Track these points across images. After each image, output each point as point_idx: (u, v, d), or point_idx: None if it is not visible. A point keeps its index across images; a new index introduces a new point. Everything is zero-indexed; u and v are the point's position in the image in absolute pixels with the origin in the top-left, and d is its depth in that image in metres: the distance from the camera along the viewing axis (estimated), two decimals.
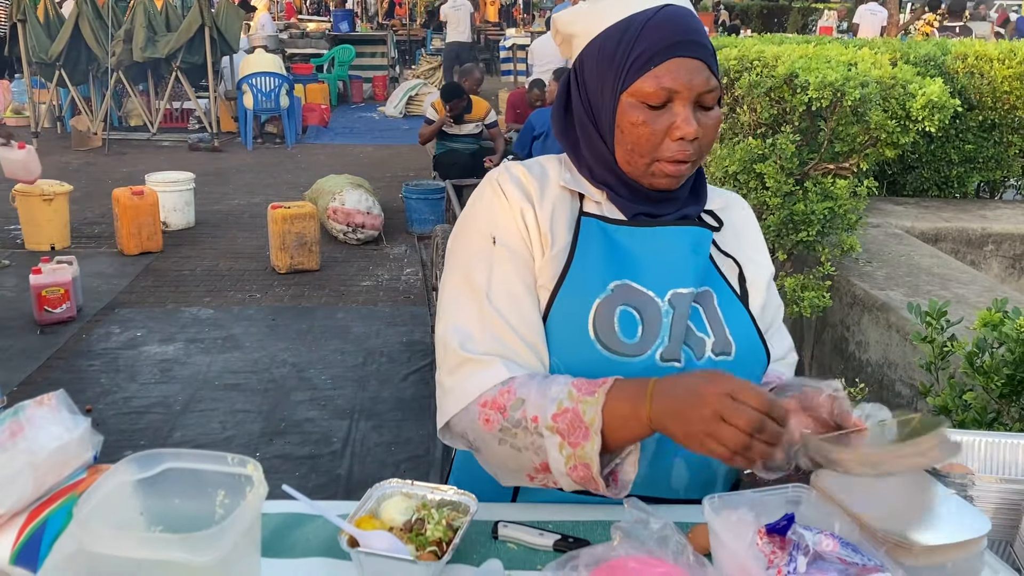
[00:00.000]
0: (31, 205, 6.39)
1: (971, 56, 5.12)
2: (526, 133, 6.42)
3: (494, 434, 1.19)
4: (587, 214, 1.30)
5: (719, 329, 1.27)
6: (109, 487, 0.97)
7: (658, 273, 1.26)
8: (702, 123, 1.22)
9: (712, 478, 1.33)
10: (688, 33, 1.21)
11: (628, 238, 1.28)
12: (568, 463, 1.12)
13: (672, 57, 1.20)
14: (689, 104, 1.21)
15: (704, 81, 1.20)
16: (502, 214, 1.29)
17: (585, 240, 1.28)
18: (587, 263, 1.26)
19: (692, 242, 1.28)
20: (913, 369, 3.23)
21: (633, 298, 1.25)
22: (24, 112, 11.44)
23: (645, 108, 1.22)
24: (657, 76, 1.20)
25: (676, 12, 1.23)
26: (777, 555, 0.98)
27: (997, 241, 4.77)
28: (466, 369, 1.22)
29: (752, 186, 3.79)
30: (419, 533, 1.14)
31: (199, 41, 10.32)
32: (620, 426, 1.10)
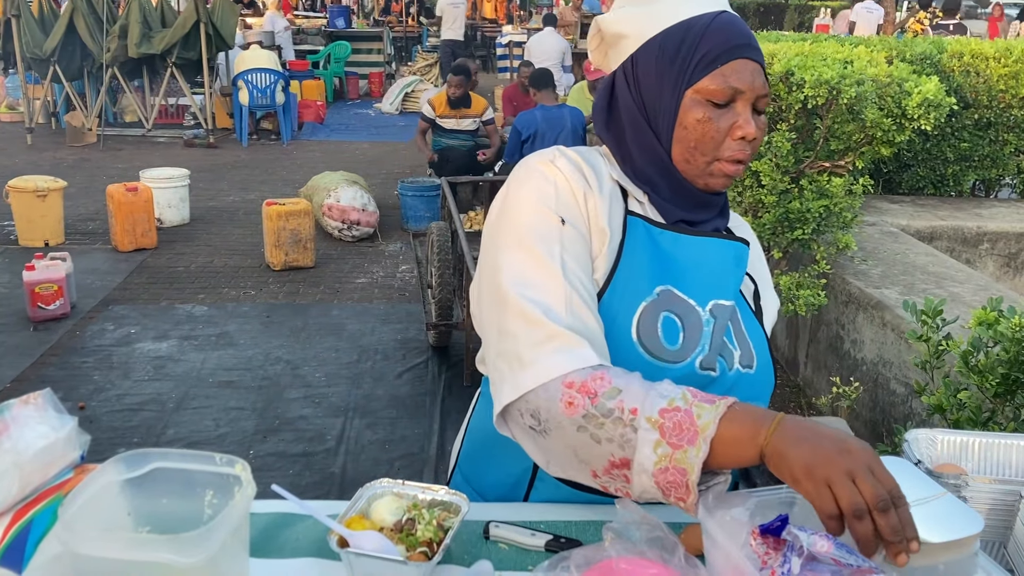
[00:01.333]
0: (25, 201, 6.37)
1: (967, 54, 5.12)
2: (514, 138, 6.41)
3: (574, 419, 1.10)
4: (632, 213, 1.29)
5: (744, 343, 1.30)
6: (96, 487, 0.96)
7: (701, 282, 1.27)
8: (757, 126, 1.24)
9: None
10: (748, 38, 1.25)
11: (672, 244, 1.28)
12: (660, 463, 1.04)
13: (738, 58, 1.22)
14: (749, 105, 1.24)
15: (763, 84, 1.24)
16: (565, 194, 1.23)
17: (632, 240, 1.26)
18: (634, 264, 1.25)
19: (735, 256, 1.30)
20: (908, 368, 3.23)
21: (676, 305, 1.25)
22: (18, 108, 11.41)
23: (710, 106, 1.22)
24: (724, 75, 1.21)
25: (734, 18, 1.27)
26: (771, 556, 0.97)
27: (992, 239, 4.77)
28: (554, 344, 1.12)
29: (748, 184, 3.78)
30: (409, 533, 1.14)
31: (194, 37, 10.28)
32: (731, 442, 1.02)
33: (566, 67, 11.11)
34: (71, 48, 10.31)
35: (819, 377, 4.15)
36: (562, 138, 6.32)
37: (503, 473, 1.39)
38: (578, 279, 1.18)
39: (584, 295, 1.17)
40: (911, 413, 3.24)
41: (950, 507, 1.07)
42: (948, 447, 1.25)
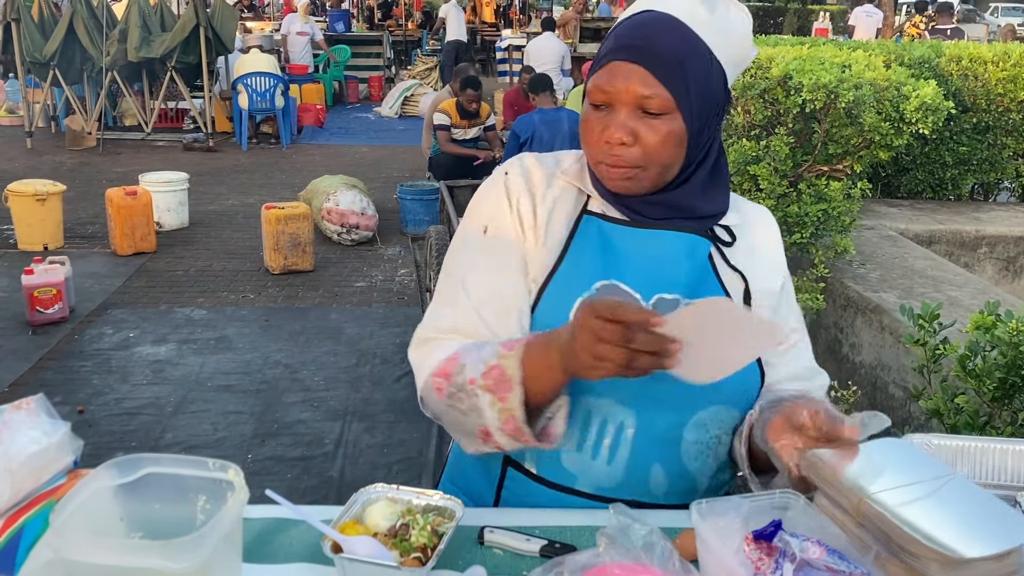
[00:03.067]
0: (24, 205, 6.37)
1: (965, 58, 5.12)
2: (512, 141, 6.41)
3: (444, 401, 1.24)
4: (591, 212, 1.31)
5: None
6: (88, 492, 0.95)
7: (647, 275, 1.26)
8: (641, 130, 1.20)
9: (692, 486, 1.32)
10: (637, 38, 1.20)
11: (624, 238, 1.28)
12: (500, 418, 1.17)
13: (614, 60, 1.21)
14: (630, 109, 1.20)
15: (642, 87, 1.18)
16: (499, 203, 1.32)
17: (581, 238, 1.29)
18: (578, 261, 1.27)
19: (687, 248, 1.27)
20: (906, 372, 3.23)
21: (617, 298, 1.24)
22: (18, 111, 11.41)
23: (592, 108, 1.24)
24: (601, 76, 1.21)
25: (643, 17, 1.23)
26: (764, 562, 0.97)
27: (991, 243, 4.77)
28: (428, 347, 1.29)
29: (746, 188, 3.78)
30: (404, 539, 1.13)
31: (194, 41, 10.29)
32: (538, 375, 1.14)
33: (565, 71, 11.12)
34: (71, 52, 10.31)
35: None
36: (560, 141, 6.32)
37: (479, 472, 1.42)
38: (480, 286, 1.28)
39: (478, 300, 1.28)
40: (909, 417, 3.24)
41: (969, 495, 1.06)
42: (943, 452, 1.25)
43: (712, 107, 1.24)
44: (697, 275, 1.27)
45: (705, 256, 1.29)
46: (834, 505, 1.09)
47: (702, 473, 1.32)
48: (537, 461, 1.32)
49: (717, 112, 1.26)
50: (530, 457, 1.33)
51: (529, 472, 1.33)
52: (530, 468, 1.33)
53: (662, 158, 1.21)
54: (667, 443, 1.28)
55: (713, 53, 1.22)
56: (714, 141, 1.29)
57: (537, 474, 1.33)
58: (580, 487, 1.29)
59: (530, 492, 1.32)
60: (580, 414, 1.27)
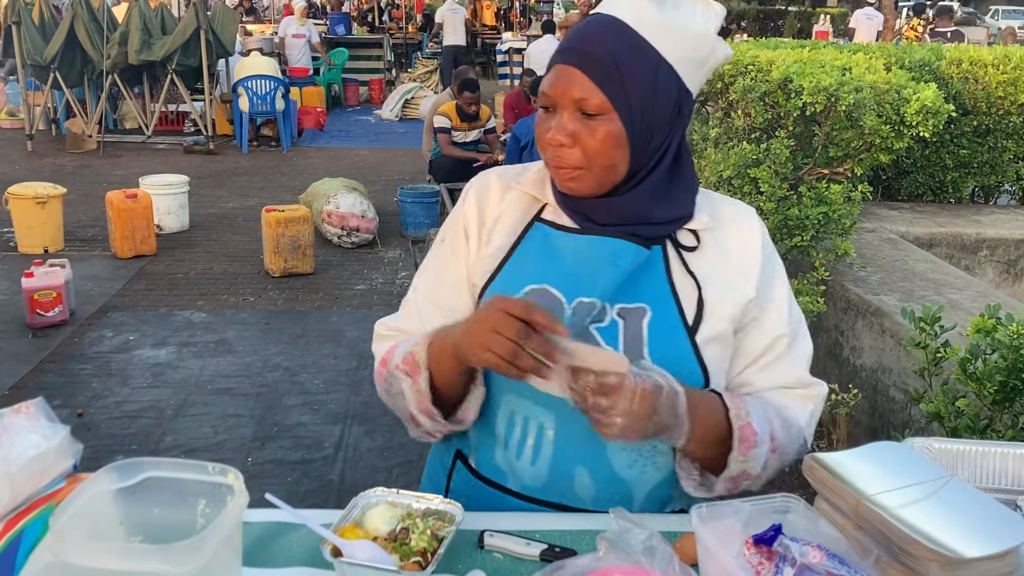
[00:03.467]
0: (24, 207, 6.37)
1: (965, 61, 5.12)
2: (513, 144, 6.41)
3: (383, 387, 1.39)
4: (542, 220, 1.33)
5: (635, 347, 1.24)
6: (87, 496, 0.95)
7: (573, 280, 1.27)
8: (581, 132, 1.21)
9: (625, 494, 1.30)
10: (577, 42, 1.21)
11: (567, 244, 1.30)
12: (416, 399, 1.30)
13: (557, 63, 1.23)
14: (570, 111, 1.21)
15: (578, 90, 1.19)
16: (457, 215, 1.41)
17: (526, 245, 1.32)
18: (518, 267, 1.31)
19: (611, 253, 1.26)
20: (907, 375, 3.22)
21: (543, 302, 1.26)
22: (18, 114, 11.42)
23: (542, 110, 1.26)
24: (546, 81, 1.24)
25: (590, 20, 1.25)
26: (764, 566, 0.97)
27: (991, 246, 4.77)
28: (379, 342, 1.46)
29: (746, 191, 3.78)
30: (403, 543, 1.13)
31: (194, 44, 10.30)
32: (439, 360, 1.26)
33: None
34: (71, 55, 10.33)
35: None
36: None
37: (438, 463, 1.48)
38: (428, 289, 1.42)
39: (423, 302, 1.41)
40: (910, 420, 3.24)
41: (967, 497, 1.06)
42: (944, 456, 1.24)
43: (662, 110, 1.23)
44: (620, 279, 1.26)
45: (630, 260, 1.26)
46: (833, 508, 1.09)
47: (638, 482, 1.30)
48: (477, 456, 1.37)
49: (672, 115, 1.25)
50: (471, 452, 1.38)
51: (471, 467, 1.38)
52: (472, 463, 1.38)
53: (602, 159, 1.22)
54: (591, 446, 1.26)
55: (661, 54, 1.20)
56: (671, 145, 1.27)
57: (476, 469, 1.37)
58: (510, 485, 1.31)
59: (471, 486, 1.37)
60: (504, 412, 1.30)
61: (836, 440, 3.55)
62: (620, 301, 1.26)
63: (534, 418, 1.28)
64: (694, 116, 4.77)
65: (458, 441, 1.42)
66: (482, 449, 1.35)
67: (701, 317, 1.27)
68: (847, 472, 1.09)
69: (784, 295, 1.36)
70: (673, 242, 1.30)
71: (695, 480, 1.26)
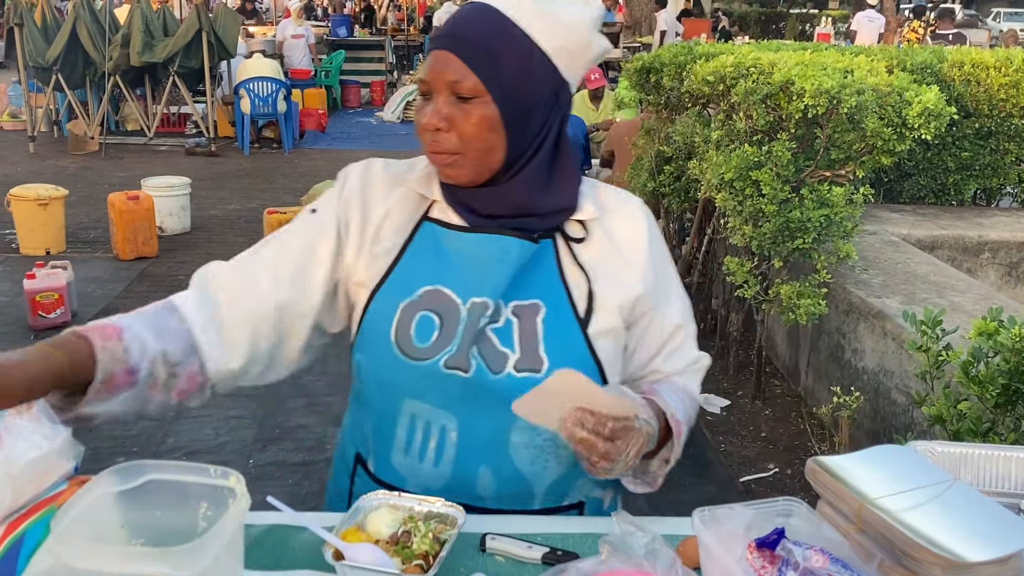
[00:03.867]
0: (26, 209, 6.37)
1: (967, 64, 5.13)
2: None
3: None
4: (430, 219, 1.33)
5: (530, 346, 1.25)
6: (89, 499, 0.95)
7: (466, 279, 1.28)
8: (456, 116, 1.22)
9: (526, 490, 1.31)
10: (451, 27, 1.24)
11: (454, 243, 1.30)
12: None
13: (432, 49, 1.25)
14: (445, 96, 1.22)
15: (452, 72, 1.21)
16: (331, 198, 1.36)
17: (416, 245, 1.31)
18: (409, 268, 1.30)
19: (498, 250, 1.27)
20: (909, 378, 3.22)
21: (440, 304, 1.27)
22: (21, 116, 11.43)
23: (420, 98, 1.27)
24: (422, 67, 1.25)
25: (464, 7, 1.26)
26: (767, 569, 0.97)
27: (993, 249, 4.77)
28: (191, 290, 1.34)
29: (748, 193, 3.78)
30: (405, 546, 1.13)
31: (196, 46, 10.31)
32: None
33: None
34: (73, 56, 10.34)
35: (820, 386, 4.14)
36: None
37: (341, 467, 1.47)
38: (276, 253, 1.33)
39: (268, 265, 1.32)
40: (912, 423, 3.23)
41: (970, 501, 1.05)
42: (947, 459, 1.24)
43: (537, 95, 1.24)
44: (508, 277, 1.26)
45: (516, 256, 1.27)
46: (836, 512, 1.09)
47: (539, 477, 1.31)
48: (375, 461, 1.36)
49: (549, 102, 1.26)
50: (369, 456, 1.38)
51: (369, 471, 1.38)
52: (370, 468, 1.38)
53: (478, 142, 1.22)
54: (494, 446, 1.28)
55: (535, 41, 1.22)
56: (549, 132, 1.28)
57: (374, 473, 1.37)
58: (409, 488, 1.30)
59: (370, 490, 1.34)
60: (405, 417, 1.30)
61: (838, 443, 3.55)
62: (514, 298, 1.27)
63: (436, 421, 1.28)
64: (695, 118, 4.78)
65: (359, 443, 1.41)
66: (380, 453, 1.35)
67: (592, 310, 1.29)
68: (850, 476, 1.09)
69: (676, 284, 1.40)
70: (562, 234, 1.31)
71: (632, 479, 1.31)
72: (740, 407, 4.33)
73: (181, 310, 1.28)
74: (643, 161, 5.63)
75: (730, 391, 4.48)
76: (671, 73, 5.17)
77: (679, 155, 5.19)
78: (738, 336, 4.62)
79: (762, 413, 4.26)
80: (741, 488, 3.60)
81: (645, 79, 5.70)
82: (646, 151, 5.62)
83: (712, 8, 20.31)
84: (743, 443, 3.98)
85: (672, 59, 5.23)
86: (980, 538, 0.97)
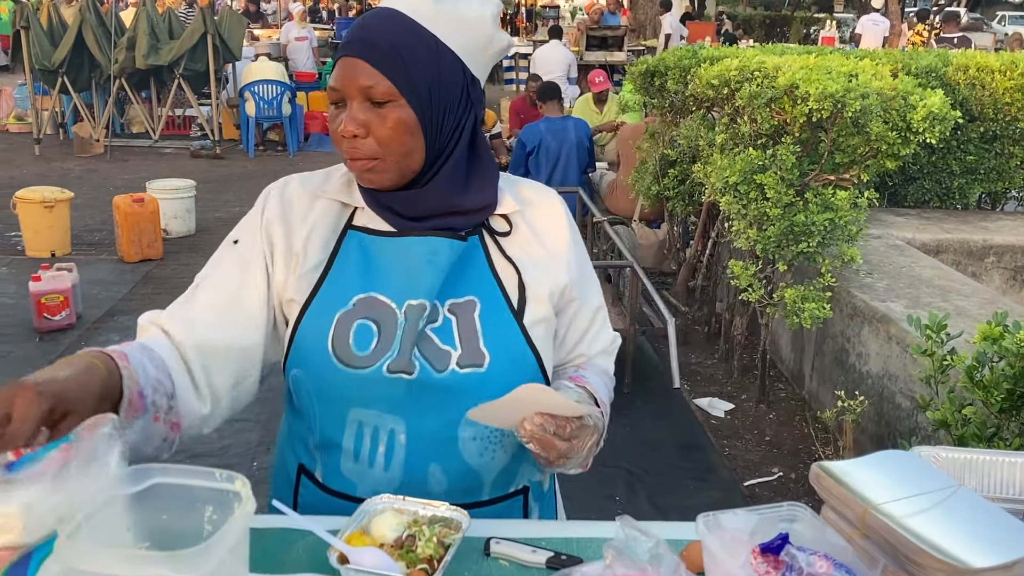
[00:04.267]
0: (32, 212, 6.39)
1: (972, 68, 5.12)
2: (519, 150, 6.42)
3: None
4: (354, 227, 1.33)
5: (471, 342, 1.27)
6: (96, 503, 0.96)
7: (398, 284, 1.29)
8: (372, 121, 1.22)
9: (475, 483, 1.33)
10: (358, 33, 1.24)
11: (381, 249, 1.30)
12: None
13: (341, 56, 1.25)
14: (359, 102, 1.23)
15: (364, 78, 1.21)
16: (253, 226, 1.36)
17: (344, 256, 1.31)
18: (339, 278, 1.30)
19: (428, 252, 1.28)
20: (913, 382, 3.22)
21: (375, 311, 1.27)
22: (26, 119, 11.47)
23: (332, 107, 1.27)
24: (333, 75, 1.25)
25: (367, 14, 1.27)
26: (771, 574, 0.97)
27: (999, 253, 4.76)
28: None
29: (753, 196, 3.78)
30: (410, 550, 1.13)
31: (201, 49, 10.34)
32: None
33: (571, 79, 11.14)
34: (79, 59, 10.37)
35: (824, 390, 4.14)
36: (566, 150, 6.32)
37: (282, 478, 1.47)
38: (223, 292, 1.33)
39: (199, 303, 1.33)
40: (916, 427, 3.23)
41: (974, 507, 1.05)
42: (951, 465, 1.24)
43: (450, 94, 1.25)
44: (440, 277, 1.28)
45: (446, 256, 1.28)
46: (840, 517, 1.09)
47: (488, 468, 1.32)
48: (323, 471, 1.36)
49: (462, 100, 1.27)
50: (315, 467, 1.38)
51: (316, 480, 1.38)
52: (318, 477, 1.37)
53: (396, 146, 1.23)
54: (443, 443, 1.29)
55: (441, 41, 1.24)
56: (463, 130, 1.29)
57: (322, 482, 1.37)
58: (360, 494, 1.30)
59: (319, 499, 1.36)
60: (352, 426, 1.30)
61: (842, 447, 3.55)
62: (449, 297, 1.29)
63: (384, 426, 1.28)
64: (700, 122, 4.78)
65: (301, 455, 1.41)
66: (328, 463, 1.35)
67: (524, 300, 1.32)
68: (854, 481, 1.09)
69: (590, 269, 1.43)
70: (487, 230, 1.34)
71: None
72: (744, 411, 4.32)
73: (156, 351, 1.27)
74: (647, 164, 5.63)
75: (734, 395, 4.48)
76: (675, 76, 5.18)
77: (683, 158, 5.19)
78: (742, 340, 4.62)
79: (766, 417, 4.26)
80: (745, 492, 3.59)
81: (649, 82, 5.70)
82: (650, 154, 5.62)
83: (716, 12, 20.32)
84: (747, 447, 3.98)
85: (676, 62, 5.23)
86: (984, 544, 0.97)
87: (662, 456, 3.88)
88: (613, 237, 4.94)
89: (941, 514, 1.02)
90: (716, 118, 4.65)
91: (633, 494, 3.56)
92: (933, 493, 1.05)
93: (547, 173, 6.30)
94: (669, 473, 3.74)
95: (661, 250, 6.18)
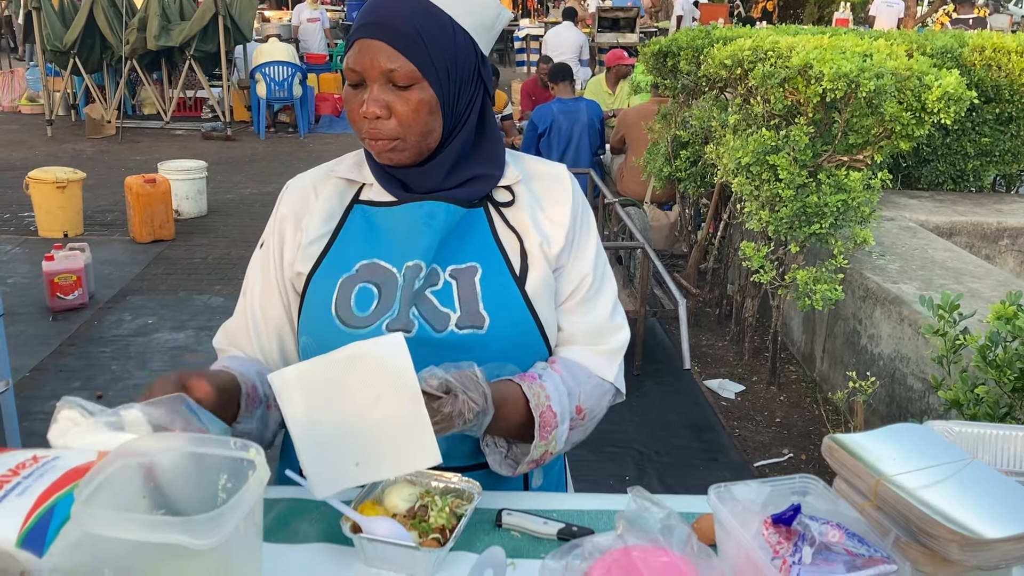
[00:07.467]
0: (45, 192, 6.42)
1: (989, 48, 5.07)
2: (531, 131, 6.40)
3: None
4: (361, 201, 1.37)
5: (470, 304, 1.29)
6: (111, 469, 0.96)
7: (397, 247, 1.31)
8: (394, 102, 1.24)
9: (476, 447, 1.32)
10: (376, 15, 1.24)
11: (384, 218, 1.33)
12: None
13: (358, 38, 1.25)
14: (380, 84, 1.24)
15: (386, 61, 1.22)
16: (271, 225, 1.42)
17: (348, 228, 1.35)
18: (344, 247, 1.34)
19: (424, 215, 1.30)
20: (925, 363, 3.21)
21: (377, 275, 1.30)
22: (38, 100, 11.50)
23: (349, 87, 1.28)
24: (350, 57, 1.26)
25: None
26: (783, 545, 0.97)
27: (1013, 235, 4.73)
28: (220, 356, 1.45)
29: (765, 177, 3.76)
30: (422, 520, 1.14)
31: (213, 30, 10.33)
32: None
33: (583, 61, 11.09)
34: (91, 41, 10.38)
35: (836, 372, 4.13)
36: (578, 131, 6.30)
37: None
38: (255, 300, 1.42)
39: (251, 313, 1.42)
40: (928, 408, 3.22)
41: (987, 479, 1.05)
42: (964, 439, 1.24)
43: (465, 73, 1.27)
44: (438, 239, 1.30)
45: (443, 219, 1.30)
46: (852, 489, 1.09)
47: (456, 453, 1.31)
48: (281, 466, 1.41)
49: (474, 79, 1.29)
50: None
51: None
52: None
53: (418, 126, 1.25)
54: None
55: (456, 21, 1.25)
56: (474, 106, 1.31)
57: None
58: None
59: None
60: None
61: (853, 428, 3.54)
62: (452, 263, 1.31)
63: None
64: (712, 102, 4.75)
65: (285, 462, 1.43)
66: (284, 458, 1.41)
67: (527, 267, 1.33)
68: (867, 453, 1.09)
69: (592, 243, 1.41)
70: (492, 202, 1.36)
71: (500, 454, 1.29)
72: (755, 392, 4.32)
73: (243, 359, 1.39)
74: (659, 146, 5.61)
75: (745, 376, 4.48)
76: (688, 57, 5.14)
77: (696, 140, 5.16)
78: (753, 322, 4.61)
79: (777, 399, 4.25)
80: (755, 473, 3.59)
81: (662, 63, 5.67)
82: (662, 136, 5.60)
83: None
84: (758, 428, 3.98)
85: (689, 43, 5.20)
86: (997, 515, 0.97)
87: (672, 437, 3.88)
88: (624, 218, 4.93)
89: (954, 486, 1.02)
90: (729, 99, 4.62)
91: (643, 474, 3.56)
92: (946, 465, 1.05)
93: (559, 154, 6.29)
94: (679, 454, 3.75)
95: (672, 232, 6.16)
